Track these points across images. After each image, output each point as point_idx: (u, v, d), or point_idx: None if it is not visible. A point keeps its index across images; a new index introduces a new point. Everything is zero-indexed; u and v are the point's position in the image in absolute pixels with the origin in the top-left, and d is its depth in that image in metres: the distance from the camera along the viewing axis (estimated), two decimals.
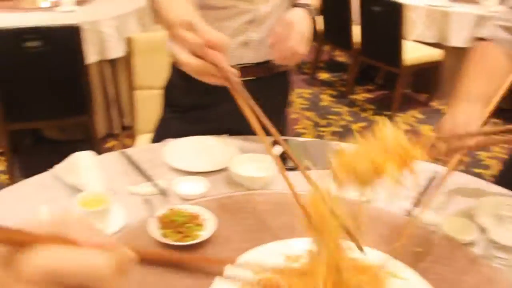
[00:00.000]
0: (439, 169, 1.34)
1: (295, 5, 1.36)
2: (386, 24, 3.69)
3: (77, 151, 1.26)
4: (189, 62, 0.79)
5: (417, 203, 1.18)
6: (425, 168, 1.35)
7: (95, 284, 0.37)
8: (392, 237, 1.01)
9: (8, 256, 0.36)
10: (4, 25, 2.45)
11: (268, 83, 1.48)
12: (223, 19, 1.34)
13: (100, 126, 3.15)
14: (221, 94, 1.08)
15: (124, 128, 3.42)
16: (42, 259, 0.35)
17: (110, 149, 3.16)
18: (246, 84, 1.43)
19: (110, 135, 3.34)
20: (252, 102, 0.83)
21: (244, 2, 1.32)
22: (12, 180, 2.70)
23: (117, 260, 0.39)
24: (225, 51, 0.81)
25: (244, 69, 1.42)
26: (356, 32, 4.03)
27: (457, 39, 3.90)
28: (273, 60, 1.33)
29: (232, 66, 1.39)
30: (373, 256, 0.92)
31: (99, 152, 2.79)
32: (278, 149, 1.31)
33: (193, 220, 0.98)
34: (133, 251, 0.41)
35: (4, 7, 3.22)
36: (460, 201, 1.20)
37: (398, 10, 3.52)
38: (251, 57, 1.42)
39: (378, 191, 1.19)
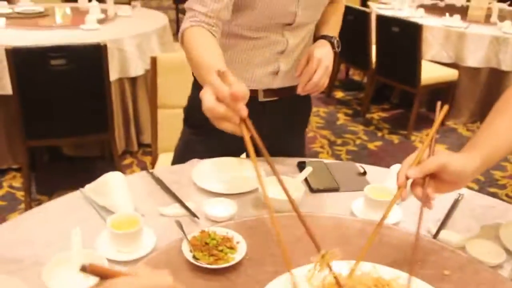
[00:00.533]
0: (465, 191, 1.34)
1: (322, 36, 1.40)
2: (404, 44, 3.71)
3: (94, 167, 1.28)
4: (214, 108, 0.85)
5: (442, 225, 1.18)
6: None
7: None
8: (416, 258, 1.02)
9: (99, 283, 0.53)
10: (29, 43, 2.50)
11: (291, 103, 1.51)
12: (255, 48, 1.38)
13: (118, 143, 3.18)
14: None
15: (140, 145, 3.45)
16: (125, 283, 0.52)
17: (128, 166, 3.18)
18: (270, 103, 1.47)
19: (127, 152, 3.37)
20: (259, 141, 0.89)
21: (276, 34, 1.36)
22: (29, 197, 2.72)
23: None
24: (245, 102, 0.88)
25: (270, 91, 1.45)
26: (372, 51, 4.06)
27: (472, 60, 3.91)
28: (297, 89, 1.38)
29: (259, 90, 1.43)
30: (397, 277, 0.93)
31: (118, 169, 2.82)
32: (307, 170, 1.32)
33: (226, 243, 0.99)
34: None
35: (28, 24, 3.29)
36: (485, 223, 1.20)
37: (417, 30, 3.54)
38: (278, 83, 1.45)
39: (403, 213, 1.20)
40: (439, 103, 1.06)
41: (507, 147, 1.00)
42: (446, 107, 1.05)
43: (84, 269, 0.51)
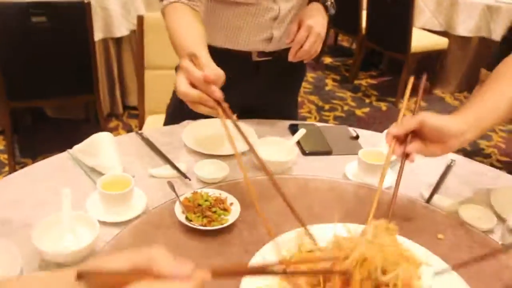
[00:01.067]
0: (456, 157, 1.34)
1: None
2: (395, 11, 3.65)
3: (79, 130, 1.25)
4: (188, 93, 0.86)
5: (435, 190, 1.17)
6: (443, 156, 1.35)
7: None
8: (410, 222, 1.02)
9: None
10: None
11: (285, 63, 1.47)
12: (248, 15, 1.34)
13: (103, 106, 3.12)
14: (238, 72, 1.08)
15: (125, 108, 3.38)
16: None
17: (113, 129, 3.13)
18: (264, 63, 1.43)
19: (113, 115, 3.31)
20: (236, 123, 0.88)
21: (267, 1, 1.31)
22: (12, 160, 2.67)
23: (197, 286, 0.45)
24: (220, 84, 0.88)
25: (264, 52, 1.41)
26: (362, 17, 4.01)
27: (463, 29, 3.88)
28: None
29: (252, 52, 1.39)
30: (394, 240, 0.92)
31: (104, 131, 2.77)
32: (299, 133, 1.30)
33: (219, 204, 0.97)
34: (208, 271, 0.47)
35: None
36: (477, 189, 1.21)
37: None
38: (272, 48, 1.42)
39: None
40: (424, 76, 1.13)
41: (495, 116, 1.00)
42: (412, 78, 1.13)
43: (80, 277, 0.42)
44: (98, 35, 2.89)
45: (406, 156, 0.96)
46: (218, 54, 1.41)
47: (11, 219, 0.98)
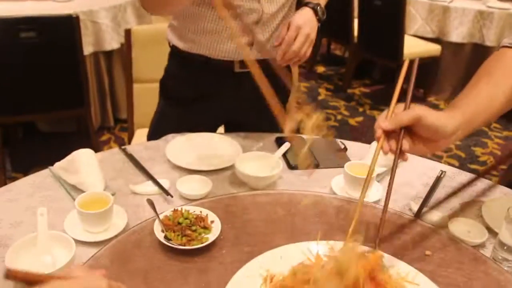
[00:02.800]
0: (447, 168, 1.32)
1: (304, 3, 1.33)
2: (387, 18, 3.65)
3: (70, 144, 1.22)
4: None
5: (424, 203, 1.15)
6: (432, 167, 1.33)
7: None
8: (397, 237, 0.99)
9: None
10: None
11: (269, 75, 1.45)
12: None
13: (94, 119, 3.10)
14: (221, 84, 1.05)
15: (116, 121, 3.37)
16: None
17: (105, 143, 3.11)
18: (247, 74, 1.40)
19: (104, 128, 3.29)
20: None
21: (251, 2, 1.29)
22: (3, 175, 2.64)
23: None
24: None
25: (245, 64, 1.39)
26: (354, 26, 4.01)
27: (456, 35, 3.89)
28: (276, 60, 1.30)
29: (235, 61, 1.37)
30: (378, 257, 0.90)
31: (95, 145, 2.75)
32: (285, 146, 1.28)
33: (199, 222, 0.95)
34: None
35: None
36: (467, 201, 1.18)
37: (400, 4, 3.48)
38: (255, 55, 1.38)
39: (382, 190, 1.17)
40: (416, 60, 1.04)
41: (489, 111, 0.96)
42: (406, 62, 1.03)
43: (8, 276, 0.47)
44: (88, 49, 2.88)
45: (399, 154, 0.88)
46: (199, 65, 1.40)
47: None
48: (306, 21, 1.28)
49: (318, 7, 1.33)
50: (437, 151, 0.93)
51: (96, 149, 1.93)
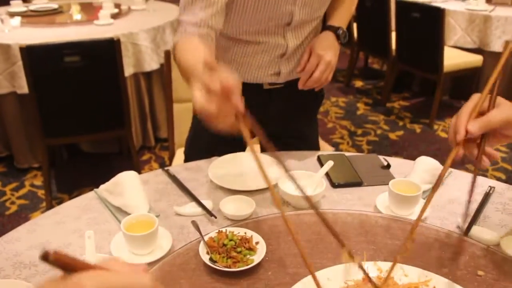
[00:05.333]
0: (495, 183, 1.27)
1: (326, 27, 1.34)
2: (426, 30, 3.59)
3: (113, 164, 1.24)
4: (205, 107, 0.75)
5: (473, 220, 1.11)
6: (479, 183, 1.29)
7: None
8: (446, 257, 0.96)
9: (64, 277, 0.42)
10: (43, 40, 2.48)
11: (297, 87, 1.44)
12: (255, 53, 1.34)
13: (135, 139, 3.16)
14: (251, 100, 1.06)
15: (157, 140, 3.42)
16: (95, 280, 0.42)
17: (146, 162, 3.16)
18: (276, 90, 1.41)
19: (145, 148, 3.35)
20: (259, 130, 0.78)
21: (275, 37, 1.31)
22: (49, 195, 2.72)
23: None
24: (239, 91, 0.77)
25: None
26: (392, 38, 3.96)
27: (498, 45, 3.78)
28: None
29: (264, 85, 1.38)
30: (427, 280, 0.87)
31: (137, 165, 2.80)
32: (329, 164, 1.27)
33: (244, 244, 0.94)
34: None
35: (43, 22, 3.28)
36: None
37: (439, 15, 3.42)
38: (282, 80, 1.42)
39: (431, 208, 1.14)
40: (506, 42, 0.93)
41: None
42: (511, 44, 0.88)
43: (45, 257, 0.40)
44: (129, 70, 2.95)
45: (480, 160, 0.79)
46: None
47: (37, 262, 0.98)
48: (327, 48, 1.30)
49: (341, 31, 1.35)
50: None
51: (138, 169, 1.96)
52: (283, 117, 1.49)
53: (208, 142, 1.42)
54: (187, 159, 1.53)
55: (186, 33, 1.14)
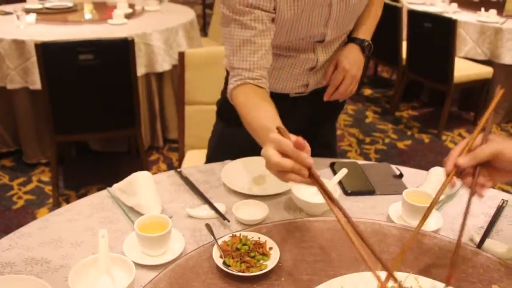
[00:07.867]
0: (508, 197, 1.27)
1: (351, 39, 1.34)
2: (437, 40, 3.59)
3: (121, 163, 1.25)
4: (281, 163, 0.83)
5: (486, 233, 1.11)
6: (492, 196, 1.28)
7: None
8: (461, 270, 0.95)
9: None
10: (57, 38, 2.50)
11: (322, 96, 1.45)
12: (286, 66, 1.34)
13: (144, 139, 3.17)
14: (277, 106, 1.07)
15: (165, 141, 3.43)
16: None
17: (154, 162, 3.17)
18: (301, 97, 1.42)
19: (153, 148, 3.35)
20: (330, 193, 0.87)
21: (306, 52, 1.32)
22: (56, 191, 2.73)
23: None
24: (309, 151, 0.87)
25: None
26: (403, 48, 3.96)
27: (509, 57, 3.76)
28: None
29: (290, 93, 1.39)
30: None
31: (145, 165, 2.80)
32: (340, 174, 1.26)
33: (258, 249, 0.94)
34: None
35: (58, 20, 3.30)
36: None
37: (450, 26, 3.41)
38: (307, 91, 1.44)
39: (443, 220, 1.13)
40: (499, 88, 0.99)
41: None
42: (502, 90, 0.97)
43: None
44: (141, 70, 2.96)
45: (475, 191, 0.85)
46: None
47: (49, 259, 0.99)
48: (352, 62, 1.33)
49: (366, 44, 1.35)
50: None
51: (146, 169, 1.96)
52: (306, 124, 1.50)
53: (233, 145, 1.43)
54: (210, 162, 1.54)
55: (241, 80, 1.16)
